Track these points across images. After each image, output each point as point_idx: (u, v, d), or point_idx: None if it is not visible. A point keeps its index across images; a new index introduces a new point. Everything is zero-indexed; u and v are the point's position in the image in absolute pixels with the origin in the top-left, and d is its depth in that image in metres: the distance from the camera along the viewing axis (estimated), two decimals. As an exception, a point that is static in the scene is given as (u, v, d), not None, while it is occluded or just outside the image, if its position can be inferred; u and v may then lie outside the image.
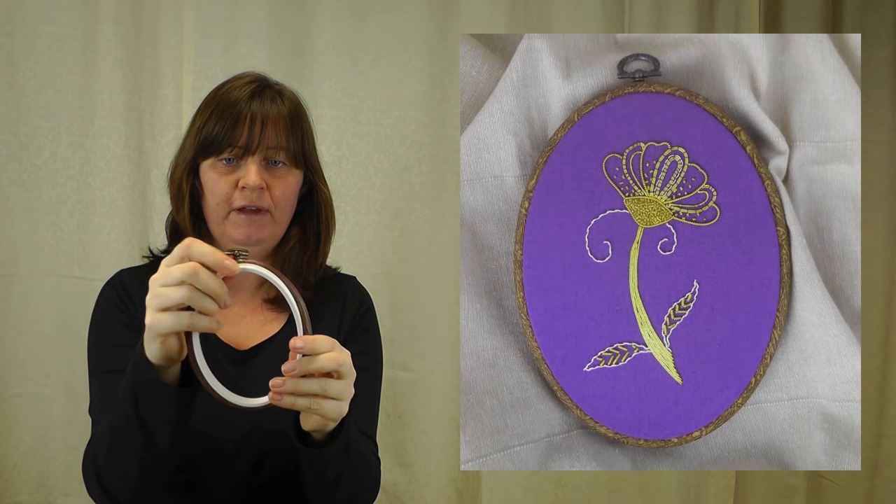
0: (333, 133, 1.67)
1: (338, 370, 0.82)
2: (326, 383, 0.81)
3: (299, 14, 1.67)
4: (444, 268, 1.72)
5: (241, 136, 1.00)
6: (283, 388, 0.79)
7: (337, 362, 0.81)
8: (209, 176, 1.02)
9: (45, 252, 1.59)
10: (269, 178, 1.02)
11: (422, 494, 1.73)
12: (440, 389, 1.72)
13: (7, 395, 1.58)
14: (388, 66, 1.69)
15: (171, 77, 1.61)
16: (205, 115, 1.03)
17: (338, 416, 0.84)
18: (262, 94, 1.03)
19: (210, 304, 0.78)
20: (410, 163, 1.71)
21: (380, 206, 1.70)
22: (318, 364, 0.80)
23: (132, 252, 1.58)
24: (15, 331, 1.58)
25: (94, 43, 1.59)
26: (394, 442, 1.71)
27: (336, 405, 0.82)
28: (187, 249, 0.78)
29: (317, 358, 0.80)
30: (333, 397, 0.82)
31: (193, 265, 0.77)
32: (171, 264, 0.78)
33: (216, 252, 0.78)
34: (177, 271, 0.77)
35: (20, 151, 1.57)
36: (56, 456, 1.60)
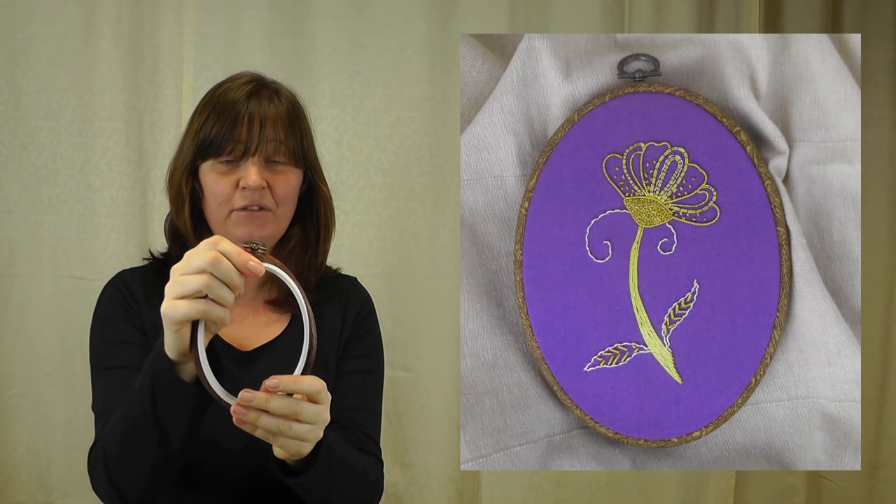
0: (333, 133, 1.67)
1: (314, 396, 0.80)
2: (298, 405, 0.79)
3: (299, 14, 1.67)
4: (444, 268, 1.72)
5: (241, 136, 1.00)
6: (252, 403, 0.77)
7: (314, 388, 0.80)
8: (209, 177, 1.02)
9: (45, 252, 1.59)
10: (270, 176, 1.02)
11: (422, 494, 1.73)
12: (440, 389, 1.72)
13: (7, 395, 1.58)
14: (388, 66, 1.69)
15: (171, 77, 1.61)
16: (202, 117, 1.02)
17: (311, 439, 0.82)
18: (260, 93, 1.03)
19: (227, 293, 0.77)
20: (410, 163, 1.71)
21: (380, 206, 1.70)
22: (296, 387, 0.79)
23: (132, 252, 1.58)
24: (15, 331, 1.58)
25: (94, 43, 1.59)
26: (394, 442, 1.71)
27: (309, 429, 0.80)
28: (215, 245, 0.78)
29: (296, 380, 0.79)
30: (306, 421, 0.80)
31: (215, 254, 0.77)
32: (195, 255, 0.78)
33: (242, 252, 0.78)
34: (199, 259, 0.77)
35: (20, 151, 1.57)
36: (56, 456, 1.60)
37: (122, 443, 0.88)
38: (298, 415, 0.79)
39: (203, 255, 0.77)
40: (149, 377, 0.83)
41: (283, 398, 0.78)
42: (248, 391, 0.77)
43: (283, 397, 0.78)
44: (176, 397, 0.83)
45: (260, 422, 0.78)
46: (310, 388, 0.79)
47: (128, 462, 0.88)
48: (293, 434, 0.80)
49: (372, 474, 1.03)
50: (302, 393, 0.79)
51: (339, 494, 0.92)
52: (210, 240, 0.78)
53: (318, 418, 0.81)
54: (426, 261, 1.72)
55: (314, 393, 0.80)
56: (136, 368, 0.98)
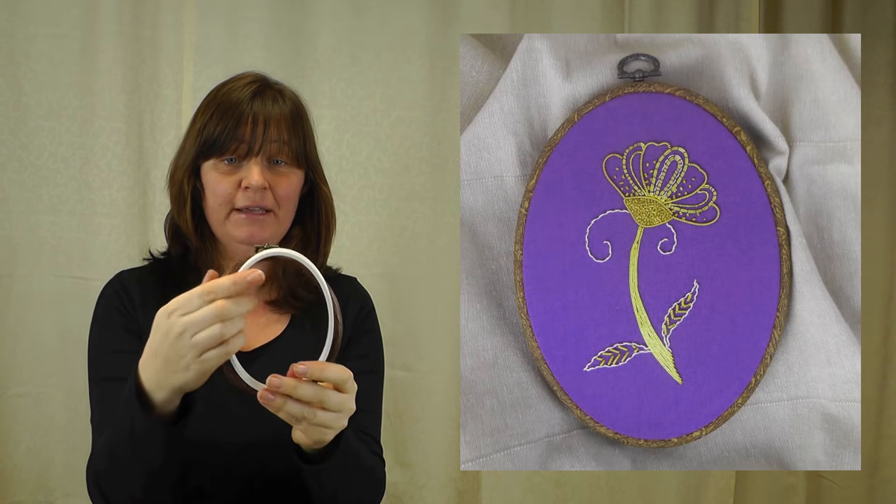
0: (333, 133, 1.67)
1: (340, 384, 0.80)
2: (324, 393, 0.79)
3: (299, 14, 1.67)
4: (444, 268, 1.72)
5: (244, 136, 1.00)
6: (281, 388, 0.78)
7: (340, 376, 0.80)
8: (211, 176, 1.02)
9: (45, 252, 1.59)
10: (272, 177, 1.02)
11: (422, 494, 1.73)
12: (440, 389, 1.72)
13: (7, 395, 1.58)
14: (388, 66, 1.69)
15: (171, 77, 1.61)
16: (206, 116, 1.02)
17: (336, 427, 0.83)
18: (264, 94, 1.03)
19: (241, 323, 0.77)
20: (410, 163, 1.71)
21: (380, 206, 1.70)
22: (322, 374, 0.79)
23: (132, 252, 1.58)
24: (15, 331, 1.58)
25: (94, 43, 1.58)
26: (394, 442, 1.71)
27: (334, 417, 0.81)
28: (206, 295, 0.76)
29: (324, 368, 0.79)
30: (331, 409, 0.80)
31: (217, 306, 0.76)
32: (190, 310, 0.76)
33: (233, 277, 0.77)
34: (207, 317, 0.75)
35: (20, 151, 1.57)
36: (56, 456, 1.60)
37: (111, 466, 0.88)
38: (324, 402, 0.79)
39: (205, 312, 0.75)
40: (128, 418, 0.82)
41: (309, 385, 0.79)
42: (276, 377, 0.78)
43: (310, 384, 0.79)
44: (153, 441, 0.82)
45: (286, 407, 0.78)
46: (336, 376, 0.80)
47: (119, 484, 0.88)
48: (317, 421, 0.80)
49: (378, 472, 1.03)
50: (328, 381, 0.80)
51: (349, 490, 0.93)
52: (197, 292, 0.76)
53: (343, 407, 0.81)
54: (426, 261, 1.72)
55: (341, 382, 0.80)
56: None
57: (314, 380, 0.79)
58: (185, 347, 0.76)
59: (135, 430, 0.82)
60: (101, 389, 1.01)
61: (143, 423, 0.81)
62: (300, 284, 1.07)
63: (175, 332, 0.76)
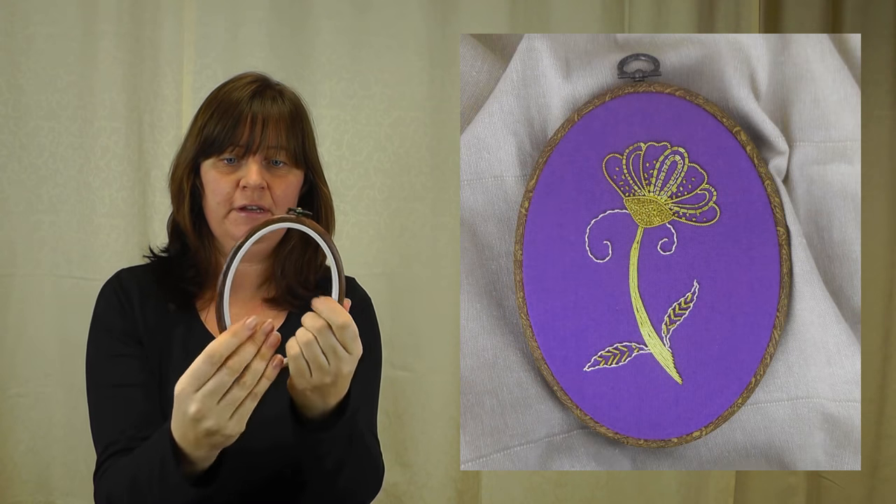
0: (333, 133, 1.67)
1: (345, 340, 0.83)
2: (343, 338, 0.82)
3: (299, 14, 1.67)
4: (444, 268, 1.72)
5: (243, 135, 1.01)
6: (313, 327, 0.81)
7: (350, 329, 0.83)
8: (210, 175, 1.03)
9: (45, 252, 1.59)
10: (270, 177, 1.02)
11: (422, 494, 1.73)
12: (440, 389, 1.72)
13: (7, 395, 1.58)
14: (389, 67, 1.69)
15: (171, 77, 1.61)
16: (206, 115, 1.03)
17: (346, 373, 0.84)
18: (264, 94, 1.04)
19: (259, 365, 0.79)
20: (410, 163, 1.71)
21: (380, 206, 1.70)
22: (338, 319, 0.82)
23: (132, 252, 1.58)
24: (15, 331, 1.58)
25: (94, 43, 1.59)
26: (394, 442, 1.71)
27: (349, 359, 0.83)
28: (213, 359, 0.78)
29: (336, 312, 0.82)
30: (351, 352, 0.83)
31: (228, 368, 0.78)
32: (201, 383, 0.78)
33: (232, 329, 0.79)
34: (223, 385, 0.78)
35: (20, 151, 1.57)
36: (56, 456, 1.60)
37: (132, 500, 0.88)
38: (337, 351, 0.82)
39: (218, 379, 0.78)
40: (157, 470, 0.84)
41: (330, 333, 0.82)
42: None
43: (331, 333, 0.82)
44: (181, 495, 0.84)
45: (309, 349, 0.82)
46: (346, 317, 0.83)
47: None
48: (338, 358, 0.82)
49: (377, 457, 1.04)
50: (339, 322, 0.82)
51: (350, 469, 0.93)
52: (204, 361, 0.78)
53: (354, 349, 0.84)
54: (426, 261, 1.72)
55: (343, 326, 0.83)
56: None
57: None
58: (211, 419, 0.78)
59: (167, 484, 0.83)
60: (98, 396, 1.01)
61: (175, 478, 0.82)
62: (299, 283, 1.08)
63: (192, 415, 0.78)
